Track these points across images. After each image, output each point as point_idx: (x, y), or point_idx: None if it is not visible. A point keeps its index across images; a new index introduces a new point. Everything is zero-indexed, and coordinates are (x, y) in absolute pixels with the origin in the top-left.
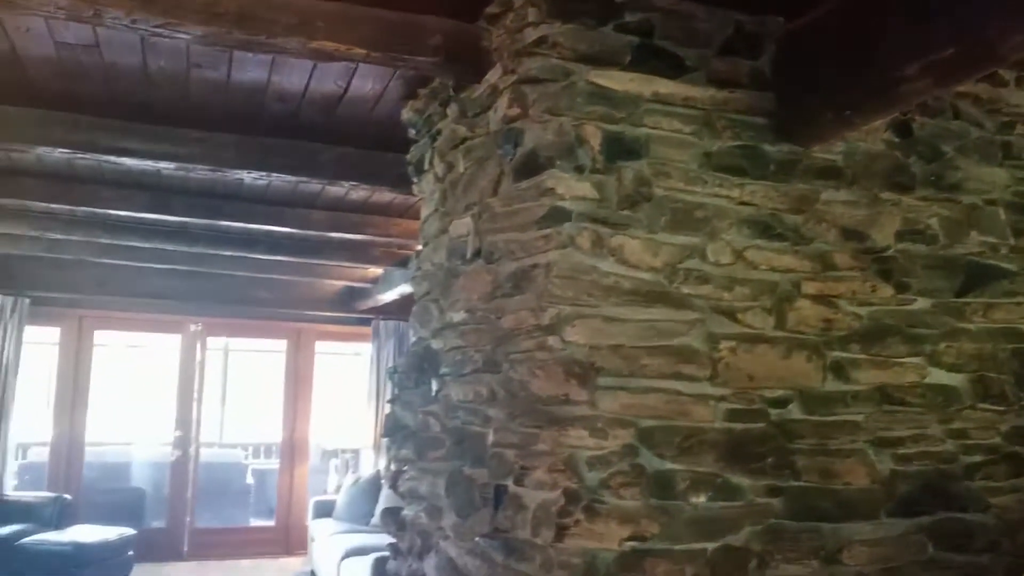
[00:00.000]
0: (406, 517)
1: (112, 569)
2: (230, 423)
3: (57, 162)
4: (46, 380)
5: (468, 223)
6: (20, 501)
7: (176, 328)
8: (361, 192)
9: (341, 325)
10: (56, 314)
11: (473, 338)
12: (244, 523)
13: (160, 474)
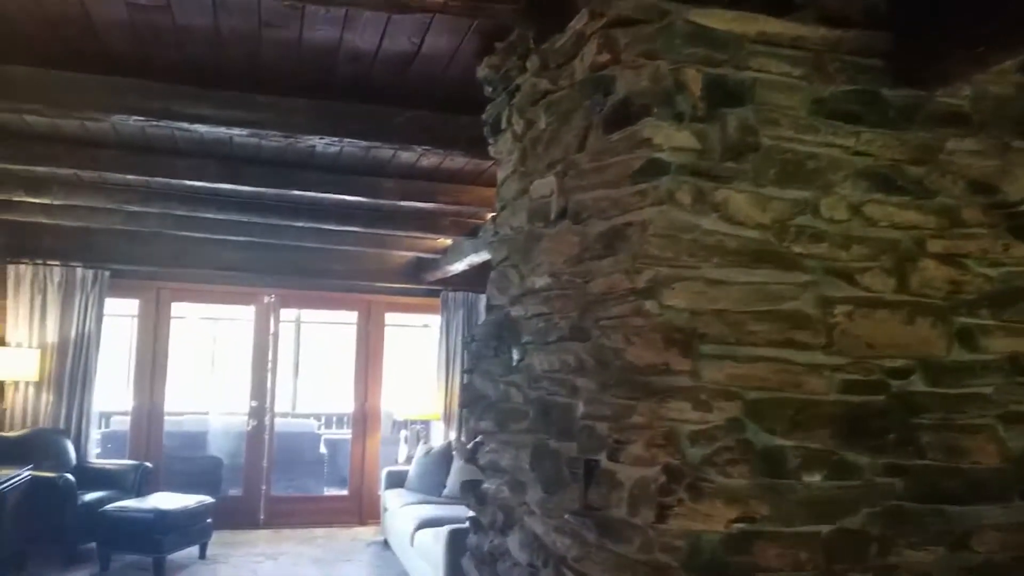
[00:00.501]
0: (487, 491)
1: (192, 535)
2: (303, 394)
3: (132, 132)
4: (127, 351)
5: (551, 182)
6: (103, 469)
7: (250, 300)
8: (432, 158)
9: (410, 297)
10: (135, 286)
11: (558, 304)
12: (318, 492)
13: (236, 443)
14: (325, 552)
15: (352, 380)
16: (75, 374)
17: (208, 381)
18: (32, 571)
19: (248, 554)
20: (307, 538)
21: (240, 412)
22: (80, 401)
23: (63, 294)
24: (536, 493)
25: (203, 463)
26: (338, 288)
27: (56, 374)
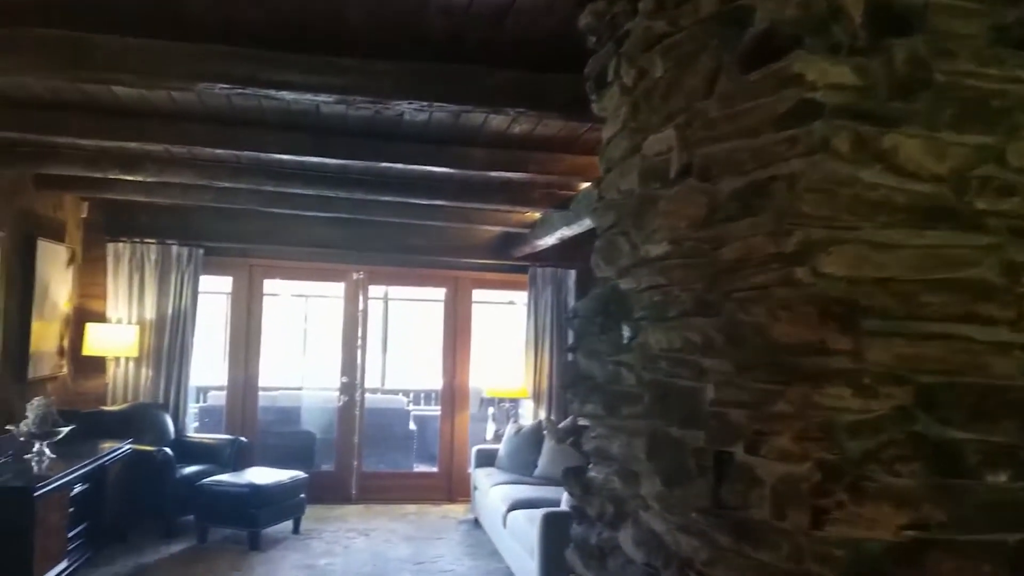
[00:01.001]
0: (593, 479)
1: (286, 510)
2: (392, 370)
3: (219, 104)
4: (222, 327)
5: (670, 136)
6: (200, 443)
7: (339, 277)
8: (525, 124)
9: (497, 273)
10: (228, 263)
11: (679, 274)
12: (408, 468)
13: (328, 419)
14: (416, 529)
15: (440, 357)
16: (172, 350)
17: (301, 357)
18: (134, 542)
19: (340, 529)
20: (398, 514)
21: (331, 388)
22: (177, 376)
23: (159, 271)
24: (653, 486)
25: (296, 438)
26: (425, 264)
27: (154, 350)
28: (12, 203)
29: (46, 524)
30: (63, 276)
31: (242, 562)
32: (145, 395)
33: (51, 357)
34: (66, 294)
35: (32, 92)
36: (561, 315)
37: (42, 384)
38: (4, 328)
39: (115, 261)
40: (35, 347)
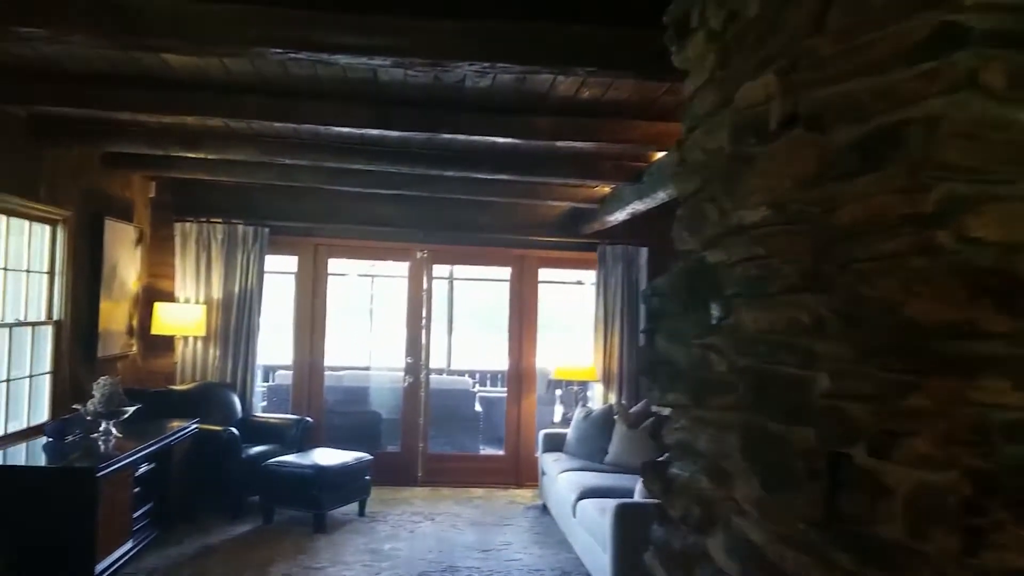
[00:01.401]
0: (676, 476)
1: (351, 492)
2: (457, 350)
3: (274, 73)
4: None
5: (769, 83)
6: (267, 422)
7: (404, 256)
8: (594, 88)
9: (564, 251)
10: (293, 243)
11: (781, 243)
12: (474, 451)
13: (393, 400)
14: (483, 515)
15: (506, 338)
16: (239, 329)
17: (366, 337)
18: (200, 522)
19: (406, 512)
20: (464, 498)
21: (397, 368)
22: (244, 356)
23: (226, 251)
24: (750, 488)
25: (362, 418)
26: (490, 243)
27: (221, 329)
28: (79, 182)
29: (110, 504)
30: (132, 256)
31: (307, 544)
32: (213, 374)
33: (120, 336)
34: (135, 273)
35: (90, 66)
36: (632, 295)
37: (112, 363)
38: (73, 307)
39: (182, 240)
40: (104, 326)
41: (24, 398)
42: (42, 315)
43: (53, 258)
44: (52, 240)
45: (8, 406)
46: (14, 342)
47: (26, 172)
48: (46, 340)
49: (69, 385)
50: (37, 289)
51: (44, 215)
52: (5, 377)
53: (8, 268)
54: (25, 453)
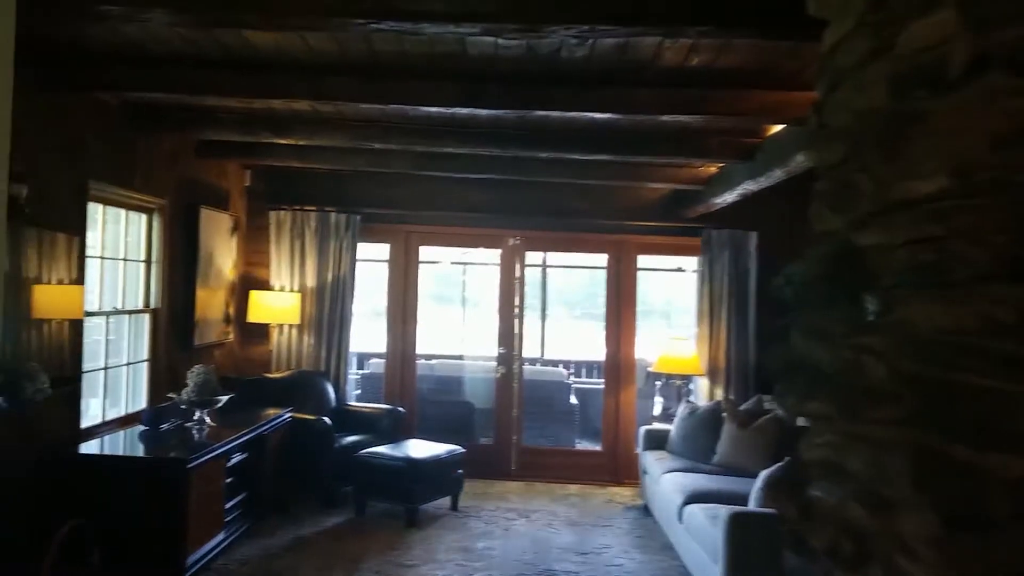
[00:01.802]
0: (817, 500)
1: (444, 486)
2: (551, 340)
3: (359, 51)
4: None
5: (946, 19)
6: (360, 412)
7: (496, 243)
8: (705, 53)
9: (665, 236)
10: (385, 230)
11: (967, 220)
12: (569, 445)
13: (485, 390)
14: (580, 514)
15: (601, 327)
16: (332, 317)
17: (457, 325)
18: (293, 513)
19: (499, 508)
20: (560, 495)
21: (489, 357)
22: (338, 344)
23: (319, 239)
24: (924, 525)
25: (455, 408)
26: (586, 228)
27: (315, 317)
28: (174, 171)
29: (202, 495)
30: (227, 244)
31: (398, 540)
32: (307, 362)
33: (217, 324)
34: (231, 262)
35: (172, 47)
36: (740, 283)
37: (209, 351)
38: (170, 296)
39: (277, 229)
40: (200, 314)
41: (123, 386)
42: (139, 303)
43: (150, 247)
44: (148, 229)
45: (107, 393)
46: (112, 330)
47: (121, 161)
48: (143, 328)
49: (166, 373)
50: (134, 278)
51: (140, 204)
52: (103, 365)
53: (105, 257)
54: (121, 441)
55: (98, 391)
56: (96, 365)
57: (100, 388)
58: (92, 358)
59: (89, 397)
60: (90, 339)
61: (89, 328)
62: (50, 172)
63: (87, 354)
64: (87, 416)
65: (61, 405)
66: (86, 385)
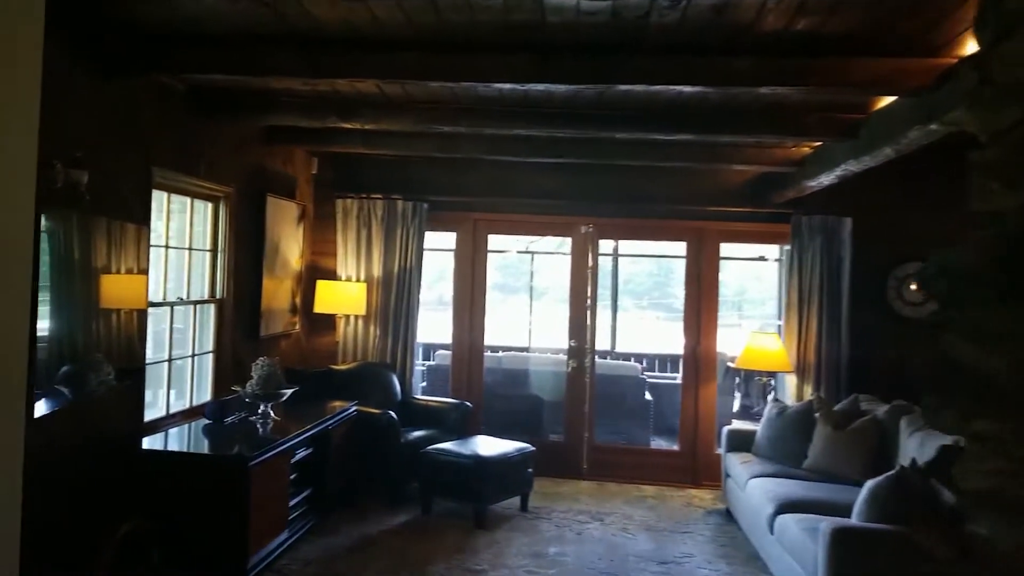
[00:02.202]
0: (979, 538)
1: (513, 484)
2: (622, 332)
3: (426, 22)
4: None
5: None
6: (426, 406)
7: (567, 230)
8: (812, 15)
9: (749, 223)
10: (452, 218)
11: None
12: (643, 443)
13: (555, 384)
14: (657, 518)
15: (670, 319)
16: (398, 308)
17: (524, 316)
18: (358, 510)
19: (571, 510)
20: (635, 497)
21: (559, 349)
22: (404, 335)
23: (385, 227)
24: None
25: (523, 403)
26: (664, 215)
27: (381, 308)
28: (240, 158)
29: (265, 493)
30: (294, 233)
31: (466, 542)
32: (372, 354)
33: (283, 315)
34: (298, 251)
35: (233, 25)
36: (833, 273)
37: (275, 342)
38: (236, 285)
39: (343, 217)
40: (267, 304)
41: (187, 378)
42: (205, 293)
43: (216, 235)
44: (214, 217)
45: (172, 385)
46: (178, 321)
47: (186, 148)
48: (209, 319)
49: (232, 364)
50: (200, 267)
51: (206, 192)
52: (167, 356)
53: (170, 246)
54: (184, 436)
55: (162, 383)
56: (161, 356)
57: (164, 380)
58: (157, 349)
59: (155, 388)
60: (156, 329)
61: (154, 318)
62: (114, 159)
63: (152, 345)
64: (152, 408)
65: (124, 397)
66: (150, 377)
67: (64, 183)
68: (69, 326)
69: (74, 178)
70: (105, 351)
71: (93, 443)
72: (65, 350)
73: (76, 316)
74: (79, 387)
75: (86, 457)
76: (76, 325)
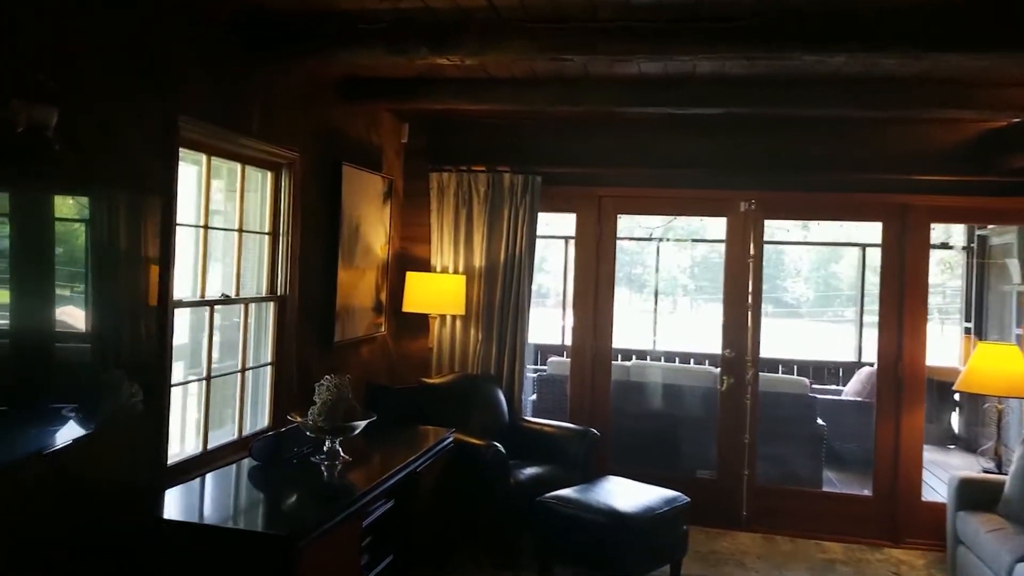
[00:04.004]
0: None
1: (660, 549)
2: (779, 335)
3: None
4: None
5: None
6: (540, 432)
7: (720, 208)
8: None
9: (968, 196)
10: (570, 195)
11: None
12: (815, 482)
13: (699, 403)
14: None
15: (875, 322)
16: (504, 306)
17: (664, 319)
18: (454, 572)
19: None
20: (820, 561)
21: (700, 353)
22: (512, 340)
23: (489, 206)
24: None
25: (658, 427)
26: (850, 187)
27: (484, 306)
28: (309, 115)
29: (325, 573)
30: (379, 214)
31: None
32: (474, 363)
33: (365, 315)
34: (383, 236)
35: None
36: None
37: (354, 349)
38: (302, 279)
39: (439, 195)
40: (343, 302)
41: (235, 399)
42: (261, 289)
43: (276, 214)
44: (275, 191)
45: (211, 412)
46: (223, 323)
47: (232, 96)
48: (266, 321)
49: (297, 379)
50: (255, 254)
51: (262, 156)
52: (205, 372)
53: (210, 226)
54: (218, 489)
55: (196, 408)
56: (194, 373)
57: (199, 404)
58: (192, 362)
59: (188, 414)
60: (190, 337)
61: (192, 321)
62: (116, 100)
63: (185, 356)
64: (185, 442)
65: (140, 429)
66: (183, 399)
67: (26, 126)
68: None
69: (38, 118)
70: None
71: (92, 503)
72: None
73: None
74: (91, 414)
75: (83, 522)
76: (91, 329)
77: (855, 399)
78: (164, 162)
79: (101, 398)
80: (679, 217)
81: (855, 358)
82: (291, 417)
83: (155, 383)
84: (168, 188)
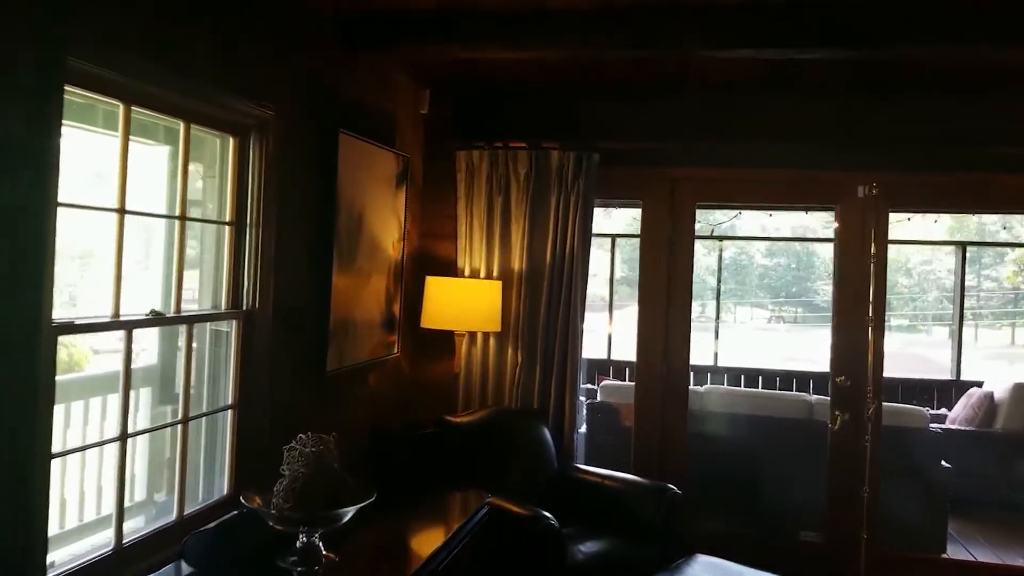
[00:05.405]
0: None
1: None
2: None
3: None
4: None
5: None
6: (601, 487)
7: (830, 195)
8: None
9: None
10: (634, 178)
11: None
12: (939, 547)
13: (798, 442)
14: None
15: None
16: (552, 321)
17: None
18: None
19: None
20: None
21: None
22: (561, 365)
23: (531, 192)
24: None
25: (748, 474)
26: (992, 166)
27: (526, 320)
28: (293, 60)
29: None
30: (390, 201)
31: None
32: (511, 395)
33: (371, 332)
34: (396, 229)
35: None
36: None
37: (356, 379)
38: (279, 284)
39: (468, 178)
40: (340, 316)
41: (176, 460)
42: (219, 302)
43: (241, 197)
44: (238, 164)
45: (138, 478)
46: (163, 351)
47: (164, 20)
48: (225, 348)
49: (269, 430)
50: (208, 256)
51: (215, 112)
52: (121, 429)
53: (131, 211)
54: None
55: (106, 482)
56: (96, 433)
57: (112, 472)
58: (92, 416)
59: (103, 491)
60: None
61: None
62: None
63: (85, 409)
64: (85, 534)
65: None
66: (99, 466)
67: None
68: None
69: None
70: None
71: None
72: None
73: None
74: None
75: None
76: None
77: (967, 428)
78: (38, 110)
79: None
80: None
81: (951, 376)
82: (245, 500)
83: (16, 452)
84: (43, 151)
